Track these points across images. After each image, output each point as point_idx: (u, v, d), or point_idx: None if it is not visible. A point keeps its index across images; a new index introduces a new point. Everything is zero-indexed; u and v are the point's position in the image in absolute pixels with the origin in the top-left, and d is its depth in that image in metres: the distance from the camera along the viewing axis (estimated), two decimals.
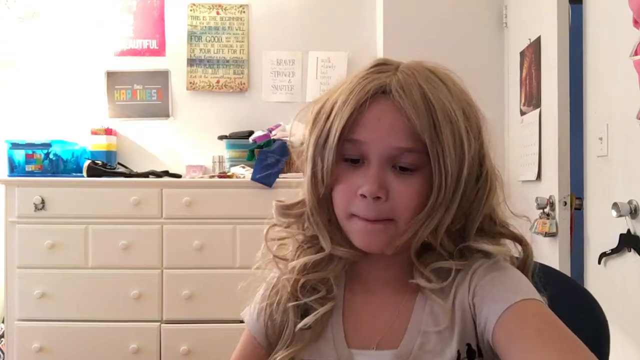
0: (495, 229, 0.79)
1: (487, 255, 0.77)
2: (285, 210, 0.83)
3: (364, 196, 0.72)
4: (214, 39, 3.13)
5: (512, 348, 0.65)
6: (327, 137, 0.74)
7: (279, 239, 0.85)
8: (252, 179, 2.61)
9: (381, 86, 0.72)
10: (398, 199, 0.72)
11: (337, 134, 0.73)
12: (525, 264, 0.79)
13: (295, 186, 0.84)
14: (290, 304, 0.80)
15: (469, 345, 0.74)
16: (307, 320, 0.79)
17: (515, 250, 0.81)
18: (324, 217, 0.78)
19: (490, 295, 0.72)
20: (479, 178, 0.75)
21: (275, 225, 0.84)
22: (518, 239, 0.80)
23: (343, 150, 0.74)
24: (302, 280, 0.80)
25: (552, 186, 2.18)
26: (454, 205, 0.73)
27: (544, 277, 0.78)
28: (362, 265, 0.82)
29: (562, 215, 2.11)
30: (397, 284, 0.79)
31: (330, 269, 0.81)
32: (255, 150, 2.82)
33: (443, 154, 0.70)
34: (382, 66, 0.76)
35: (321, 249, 0.80)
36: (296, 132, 2.23)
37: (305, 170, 0.79)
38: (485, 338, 0.71)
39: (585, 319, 0.89)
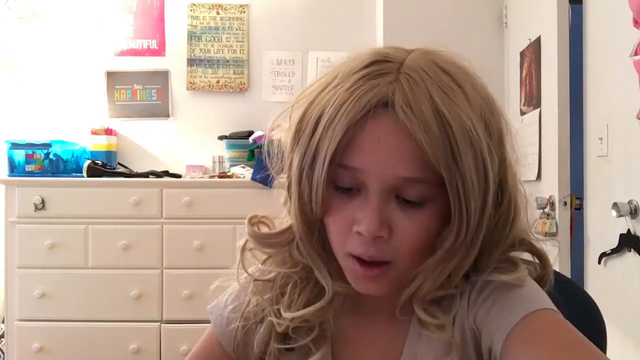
0: (514, 250, 0.66)
1: None
2: (266, 240, 0.69)
3: (361, 234, 0.59)
4: (214, 39, 3.13)
5: None
6: (315, 159, 0.59)
7: (267, 274, 0.72)
8: (252, 179, 2.61)
9: (381, 99, 0.57)
10: (402, 237, 0.59)
11: (327, 159, 0.58)
12: (542, 281, 0.67)
13: None
14: (277, 346, 0.69)
15: None
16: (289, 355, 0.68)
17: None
18: (317, 245, 0.65)
19: (497, 310, 0.61)
20: (501, 203, 0.61)
21: (252, 249, 0.71)
22: (537, 253, 0.68)
23: (335, 175, 0.60)
24: (292, 326, 0.68)
25: (552, 186, 2.18)
26: (477, 245, 0.60)
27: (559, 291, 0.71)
28: (353, 291, 0.69)
29: (562, 215, 2.11)
30: (390, 308, 0.67)
31: (331, 308, 0.67)
32: (255, 150, 2.83)
33: (464, 187, 0.56)
34: (380, 65, 0.60)
35: (317, 285, 0.67)
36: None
37: (290, 193, 0.64)
38: (493, 357, 0.60)
39: (583, 319, 0.89)
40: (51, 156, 2.83)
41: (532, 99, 2.44)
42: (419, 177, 0.57)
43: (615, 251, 1.82)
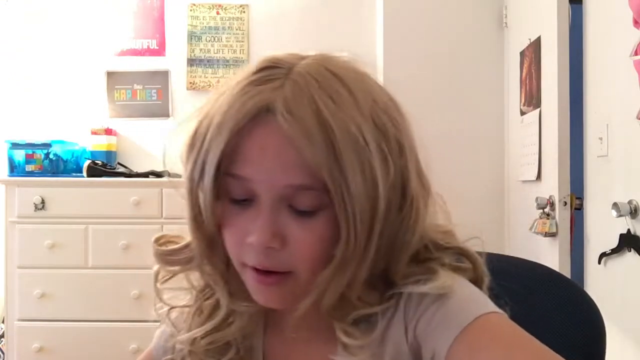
0: (431, 255, 0.63)
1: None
2: (169, 257, 0.66)
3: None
4: (214, 39, 3.13)
5: None
6: (203, 170, 0.58)
7: (177, 288, 0.69)
8: None
9: (263, 105, 0.55)
10: (297, 246, 0.57)
11: (213, 168, 0.57)
12: (478, 282, 0.64)
13: None
14: None
15: None
16: None
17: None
18: (219, 262, 0.62)
19: (436, 320, 0.58)
20: (403, 206, 0.59)
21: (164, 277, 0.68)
22: (465, 254, 0.65)
23: (226, 185, 0.58)
24: (203, 346, 0.65)
25: (552, 186, 2.18)
26: (370, 253, 0.57)
27: (531, 278, 0.72)
28: (278, 312, 0.66)
29: (562, 215, 2.11)
30: (320, 327, 0.64)
31: (235, 328, 0.65)
32: None
33: (349, 192, 0.54)
34: (269, 70, 0.58)
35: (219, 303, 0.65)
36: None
37: (185, 207, 0.62)
38: None
39: (582, 319, 0.89)
40: (51, 156, 2.83)
41: (532, 99, 2.44)
42: (306, 184, 0.55)
43: (615, 251, 1.82)
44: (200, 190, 0.59)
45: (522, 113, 2.58)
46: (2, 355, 2.72)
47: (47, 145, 2.83)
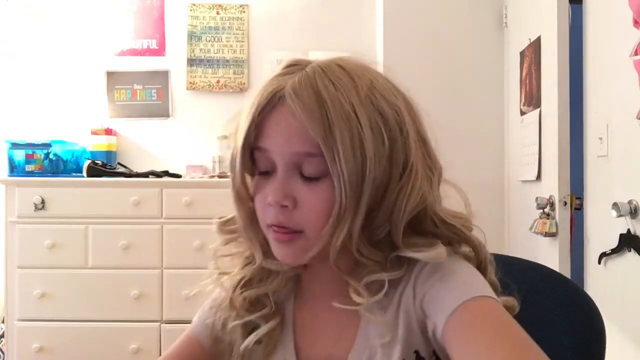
0: (437, 231, 0.72)
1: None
2: (223, 226, 0.81)
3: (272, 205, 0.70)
4: (214, 39, 3.13)
5: (461, 352, 0.61)
6: (237, 147, 0.72)
7: (226, 255, 0.82)
8: None
9: (277, 90, 0.69)
10: (306, 208, 0.69)
11: (240, 144, 0.71)
12: (480, 268, 0.73)
13: None
14: (234, 322, 0.78)
15: (417, 352, 0.71)
16: (250, 339, 0.77)
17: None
18: (258, 230, 0.75)
19: (438, 296, 0.68)
20: (402, 176, 0.70)
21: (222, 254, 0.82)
22: (467, 241, 0.75)
23: (256, 161, 0.72)
24: (240, 297, 0.78)
25: (552, 186, 2.18)
26: (361, 211, 0.68)
27: (521, 275, 0.76)
28: (306, 279, 0.79)
29: (562, 215, 2.11)
30: (342, 296, 0.73)
31: (268, 284, 0.78)
32: None
33: (339, 157, 0.66)
34: (290, 67, 0.72)
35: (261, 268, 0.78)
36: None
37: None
38: (438, 343, 0.67)
39: (582, 319, 0.89)
40: (51, 156, 2.83)
41: (532, 99, 2.44)
42: (310, 151, 0.67)
43: (615, 251, 1.82)
44: (233, 168, 0.74)
45: (522, 113, 2.58)
46: (2, 355, 2.72)
47: (47, 145, 2.83)
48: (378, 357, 0.72)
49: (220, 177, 2.81)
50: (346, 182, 0.66)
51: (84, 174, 2.74)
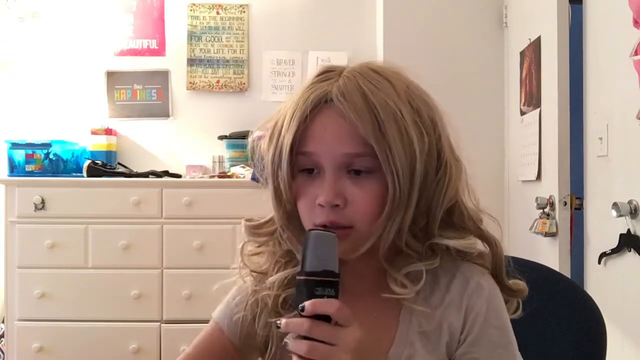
0: (465, 223, 0.78)
1: (454, 250, 0.77)
2: (256, 230, 0.82)
3: (322, 206, 0.72)
4: (214, 39, 3.13)
5: None
6: (281, 152, 0.74)
7: (254, 253, 0.84)
8: (252, 178, 2.61)
9: (323, 95, 0.72)
10: (356, 204, 0.72)
11: (288, 149, 0.73)
12: (495, 267, 0.79)
13: None
14: (272, 320, 0.78)
15: None
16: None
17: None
18: (296, 231, 0.77)
19: (480, 343, 0.74)
20: (438, 171, 0.75)
21: (249, 252, 0.84)
22: (484, 238, 0.80)
23: (298, 163, 0.74)
24: (282, 296, 0.78)
25: (552, 186, 2.18)
26: (412, 203, 0.72)
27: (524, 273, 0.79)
28: (344, 274, 0.77)
29: (562, 215, 2.11)
30: (380, 288, 0.77)
31: None
32: None
33: (392, 154, 0.70)
34: (326, 74, 0.75)
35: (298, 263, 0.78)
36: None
37: (269, 187, 0.78)
38: None
39: (583, 319, 0.89)
40: (51, 156, 2.83)
41: (532, 99, 2.44)
42: (359, 152, 0.70)
43: (615, 251, 1.82)
44: (279, 169, 0.74)
45: (522, 113, 2.58)
46: (2, 355, 2.72)
47: (47, 145, 2.83)
48: (419, 356, 0.75)
49: (220, 177, 2.81)
50: (400, 178, 0.70)
51: (84, 174, 2.74)
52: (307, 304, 0.63)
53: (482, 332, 0.74)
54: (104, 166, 2.79)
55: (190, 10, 3.13)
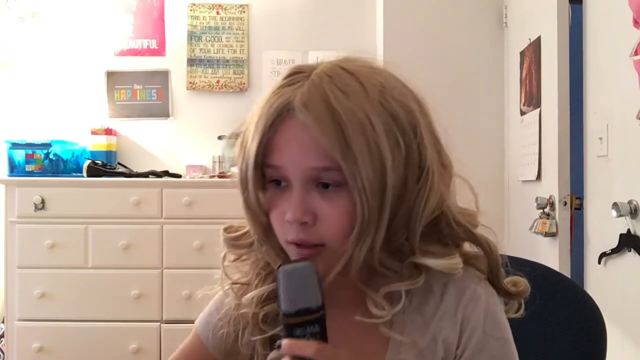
0: (454, 232, 0.71)
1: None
2: (235, 241, 0.77)
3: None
4: (214, 39, 3.13)
5: None
6: (247, 163, 0.69)
7: (236, 262, 0.80)
8: None
9: (286, 104, 0.66)
10: (327, 221, 0.66)
11: (252, 161, 0.68)
12: (492, 272, 0.74)
13: None
14: (255, 337, 0.74)
15: None
16: (274, 355, 0.72)
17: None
18: (274, 244, 0.72)
19: (479, 357, 0.69)
20: (419, 179, 0.68)
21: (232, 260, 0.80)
22: (478, 243, 0.73)
23: (267, 174, 0.69)
24: (262, 313, 0.74)
25: (552, 186, 2.18)
26: (384, 221, 0.66)
27: (535, 277, 0.76)
28: (332, 291, 0.71)
29: (562, 215, 2.11)
30: (364, 304, 0.72)
31: None
32: None
33: (358, 169, 0.63)
34: (294, 76, 0.68)
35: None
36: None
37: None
38: None
39: (583, 319, 0.89)
40: (51, 156, 2.83)
41: (532, 99, 2.44)
42: (326, 165, 0.65)
43: (615, 251, 1.82)
44: (244, 183, 0.70)
45: (522, 113, 2.58)
46: (2, 355, 2.71)
47: (47, 145, 2.83)
48: None
49: (220, 177, 2.81)
50: (368, 196, 0.64)
51: (84, 174, 2.74)
52: (283, 346, 0.59)
53: (481, 345, 0.69)
54: (104, 166, 2.79)
55: (190, 10, 3.13)
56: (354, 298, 0.73)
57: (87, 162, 2.76)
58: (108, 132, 3.00)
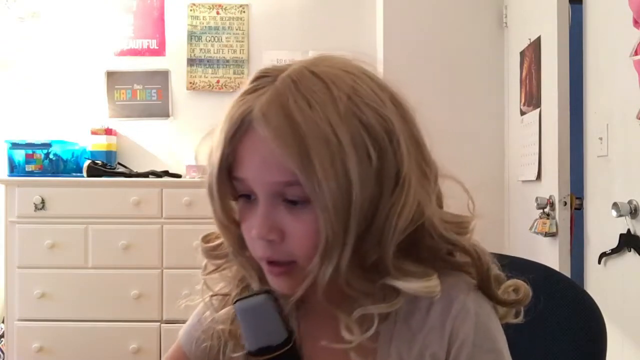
0: (436, 245, 0.66)
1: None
2: (212, 252, 0.74)
3: None
4: (214, 39, 3.13)
5: None
6: (212, 175, 0.65)
7: (217, 270, 0.76)
8: None
9: (246, 114, 0.62)
10: (295, 238, 0.62)
11: (216, 173, 0.64)
12: (482, 282, 0.68)
13: None
14: (235, 354, 0.71)
15: None
16: None
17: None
18: (251, 255, 0.68)
19: None
20: (394, 191, 0.62)
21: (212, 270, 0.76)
22: (466, 252, 0.68)
23: (235, 186, 0.65)
24: (239, 331, 0.69)
25: (552, 186, 2.18)
26: (349, 241, 0.61)
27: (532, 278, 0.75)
28: (309, 295, 0.68)
29: (562, 215, 2.11)
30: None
31: None
32: None
33: (320, 187, 0.58)
34: (259, 81, 0.64)
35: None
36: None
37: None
38: None
39: (583, 319, 0.89)
40: (51, 156, 2.83)
41: (532, 99, 2.44)
42: (290, 180, 0.60)
43: (615, 251, 1.82)
44: (212, 194, 0.66)
45: (522, 113, 2.58)
46: (2, 355, 2.72)
47: (47, 145, 2.83)
48: None
49: None
50: (331, 214, 0.59)
51: (84, 174, 2.74)
52: None
53: (471, 358, 0.65)
54: (104, 166, 2.79)
55: (190, 10, 3.13)
56: (332, 319, 0.67)
57: (87, 162, 2.76)
58: (108, 132, 3.00)
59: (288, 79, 0.61)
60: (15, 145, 2.81)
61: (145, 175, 2.80)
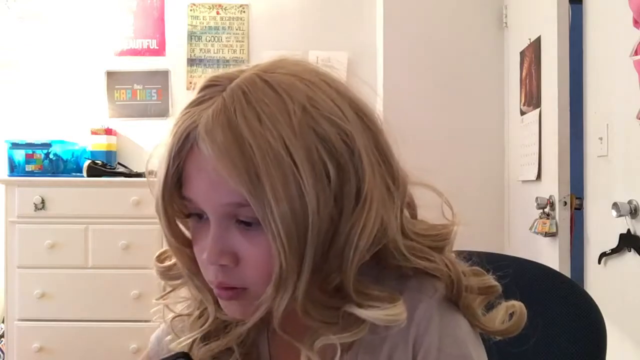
0: (402, 264, 0.61)
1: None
2: (167, 272, 0.68)
3: None
4: (214, 39, 3.13)
5: None
6: (157, 193, 0.60)
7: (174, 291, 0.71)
8: None
9: (191, 129, 0.56)
10: (248, 263, 0.58)
11: (161, 191, 0.59)
12: (453, 293, 0.63)
13: None
14: None
15: None
16: None
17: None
18: (204, 279, 0.63)
19: None
20: (355, 208, 0.57)
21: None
22: (434, 270, 0.62)
23: (186, 204, 0.60)
24: (202, 352, 0.67)
25: (552, 186, 2.18)
26: (305, 269, 0.55)
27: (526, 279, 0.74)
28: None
29: (562, 215, 2.11)
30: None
31: (232, 334, 0.66)
32: None
33: (272, 213, 0.53)
34: (207, 91, 0.58)
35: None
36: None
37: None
38: None
39: (582, 319, 0.89)
40: (51, 156, 2.83)
41: (532, 99, 2.44)
42: (241, 201, 0.55)
43: (615, 251, 1.82)
44: (159, 212, 0.61)
45: (522, 113, 2.58)
46: (2, 355, 2.72)
47: (47, 145, 2.83)
48: None
49: None
50: (284, 241, 0.54)
51: (84, 174, 2.74)
52: None
53: None
54: (104, 166, 2.79)
55: (190, 10, 3.13)
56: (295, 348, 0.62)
57: (87, 162, 2.76)
58: (108, 132, 3.00)
59: (237, 89, 0.56)
60: (15, 145, 2.81)
61: (145, 175, 2.79)
